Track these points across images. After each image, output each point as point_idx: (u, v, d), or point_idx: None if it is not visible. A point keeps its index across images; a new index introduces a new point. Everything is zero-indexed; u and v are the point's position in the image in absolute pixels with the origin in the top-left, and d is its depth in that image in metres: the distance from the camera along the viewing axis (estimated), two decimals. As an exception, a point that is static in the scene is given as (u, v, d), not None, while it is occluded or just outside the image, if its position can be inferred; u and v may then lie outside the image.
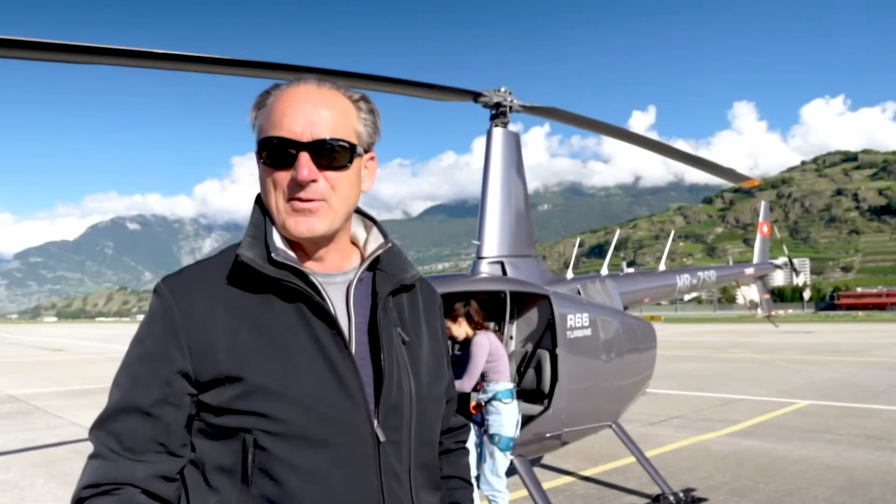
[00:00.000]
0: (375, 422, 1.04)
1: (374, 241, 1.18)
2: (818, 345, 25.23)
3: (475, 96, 4.37)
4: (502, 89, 4.48)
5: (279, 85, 1.10)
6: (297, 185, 1.03)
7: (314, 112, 1.05)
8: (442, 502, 1.21)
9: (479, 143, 4.94)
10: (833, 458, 6.64)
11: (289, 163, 1.04)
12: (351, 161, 1.08)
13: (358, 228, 1.20)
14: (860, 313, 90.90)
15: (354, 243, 1.19)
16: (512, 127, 4.72)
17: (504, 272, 4.51)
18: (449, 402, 1.29)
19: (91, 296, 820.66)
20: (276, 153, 1.04)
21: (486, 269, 4.49)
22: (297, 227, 1.05)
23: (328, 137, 1.04)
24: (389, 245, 1.17)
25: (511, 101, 4.51)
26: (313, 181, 1.03)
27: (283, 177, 1.05)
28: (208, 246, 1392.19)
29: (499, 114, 4.55)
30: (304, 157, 1.03)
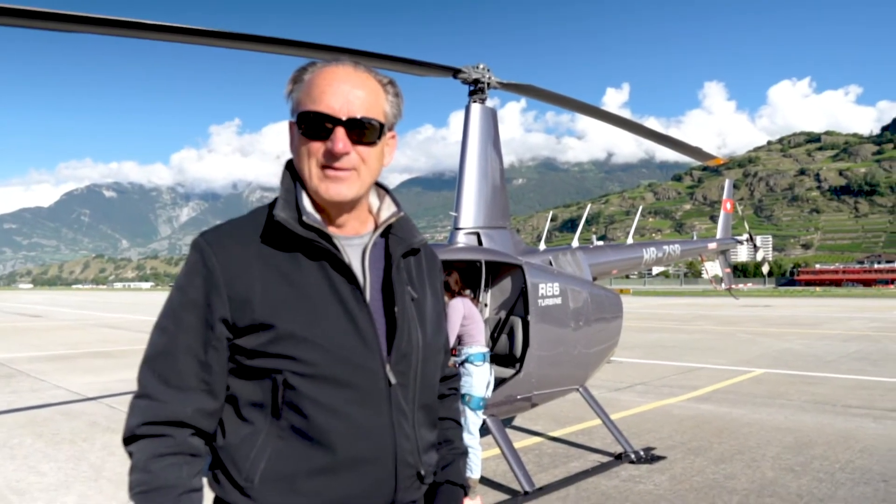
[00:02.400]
0: (388, 366, 1.19)
1: (388, 210, 1.31)
2: (776, 318, 26.31)
3: (454, 73, 4.47)
4: (481, 66, 4.59)
5: (315, 62, 1.22)
6: (331, 156, 1.16)
7: (351, 92, 1.16)
8: (437, 439, 1.37)
9: (457, 118, 5.03)
10: (782, 421, 7.11)
11: (325, 135, 1.16)
12: (379, 138, 1.21)
13: (372, 197, 1.32)
14: (818, 289, 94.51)
15: (368, 210, 1.32)
16: (489, 103, 4.85)
17: (480, 242, 4.69)
18: (445, 354, 1.46)
19: (67, 263, 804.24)
20: (314, 126, 1.16)
21: (462, 239, 4.67)
22: (329, 192, 1.17)
23: (362, 116, 1.16)
24: (402, 214, 1.31)
25: (489, 78, 4.64)
26: (347, 153, 1.16)
27: (318, 147, 1.17)
28: (186, 215, 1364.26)
29: (477, 90, 4.68)
30: (340, 132, 1.15)
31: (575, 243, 6.33)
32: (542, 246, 6.01)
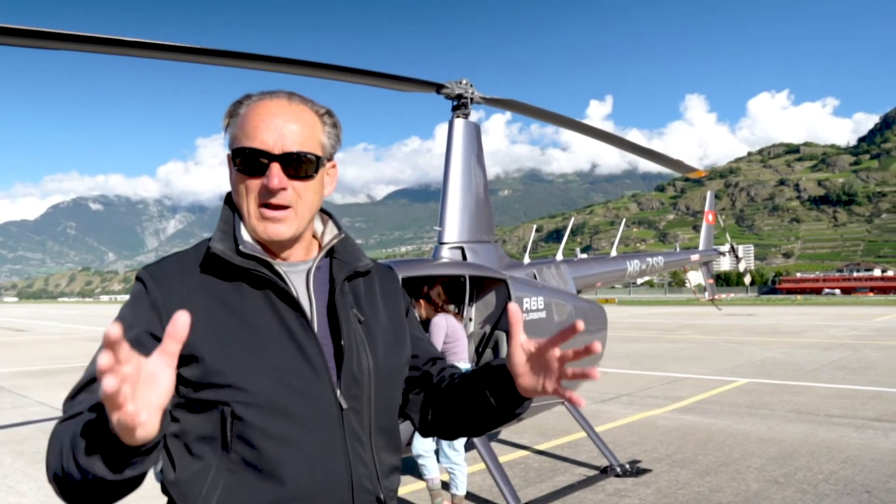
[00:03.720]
0: (338, 391, 1.16)
1: (330, 233, 1.30)
2: (759, 326, 26.60)
3: (437, 88, 4.49)
4: (463, 81, 4.62)
5: (251, 96, 1.21)
6: (267, 192, 1.14)
7: (285, 126, 1.15)
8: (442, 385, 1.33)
9: (442, 130, 5.06)
10: (766, 432, 7.16)
11: (261, 171, 1.15)
12: (316, 171, 1.19)
13: (317, 223, 1.32)
14: (799, 297, 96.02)
15: (314, 235, 1.31)
16: (473, 116, 4.88)
17: (464, 257, 4.69)
18: (434, 362, 1.42)
19: (53, 276, 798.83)
20: (249, 162, 1.15)
21: (447, 254, 4.66)
22: (266, 232, 1.17)
23: (297, 150, 1.15)
24: (342, 236, 1.30)
25: (472, 93, 4.66)
26: (283, 189, 1.15)
27: (255, 183, 1.15)
28: (173, 227, 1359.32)
29: (460, 105, 4.69)
30: (276, 168, 1.14)
31: (559, 256, 6.36)
32: (527, 258, 6.03)
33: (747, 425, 7.51)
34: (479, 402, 1.26)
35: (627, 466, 5.64)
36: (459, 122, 4.75)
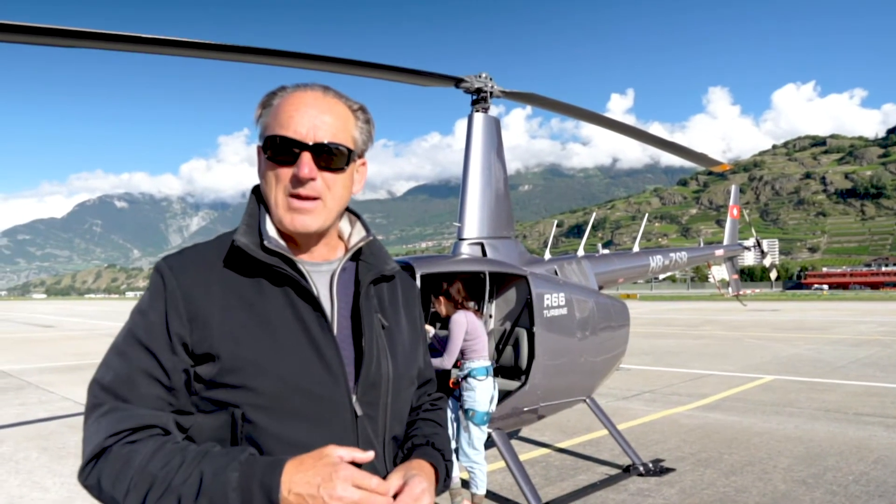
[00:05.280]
0: (354, 397, 1.14)
1: (358, 235, 1.28)
2: (784, 322, 26.11)
3: (457, 82, 4.44)
4: (483, 75, 4.56)
5: (285, 87, 1.19)
6: (297, 181, 1.13)
7: (318, 117, 1.14)
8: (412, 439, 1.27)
9: (462, 125, 5.02)
10: (793, 430, 7.00)
11: (291, 161, 1.13)
12: (347, 164, 1.18)
13: (344, 223, 1.30)
14: (825, 292, 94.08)
15: (339, 236, 1.29)
16: (492, 111, 4.82)
17: (484, 253, 4.64)
18: (428, 384, 1.40)
19: (80, 273, 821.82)
20: (280, 151, 1.14)
21: (466, 250, 4.62)
22: (293, 223, 1.14)
23: (328, 141, 1.14)
24: (371, 238, 1.27)
25: (491, 87, 4.60)
26: (312, 179, 1.13)
27: (285, 173, 1.14)
28: (196, 224, 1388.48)
29: (480, 99, 4.64)
30: (307, 157, 1.12)
31: (581, 251, 6.27)
32: (548, 254, 5.95)
33: (773, 424, 7.36)
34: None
35: (650, 465, 5.55)
36: (479, 117, 4.70)
